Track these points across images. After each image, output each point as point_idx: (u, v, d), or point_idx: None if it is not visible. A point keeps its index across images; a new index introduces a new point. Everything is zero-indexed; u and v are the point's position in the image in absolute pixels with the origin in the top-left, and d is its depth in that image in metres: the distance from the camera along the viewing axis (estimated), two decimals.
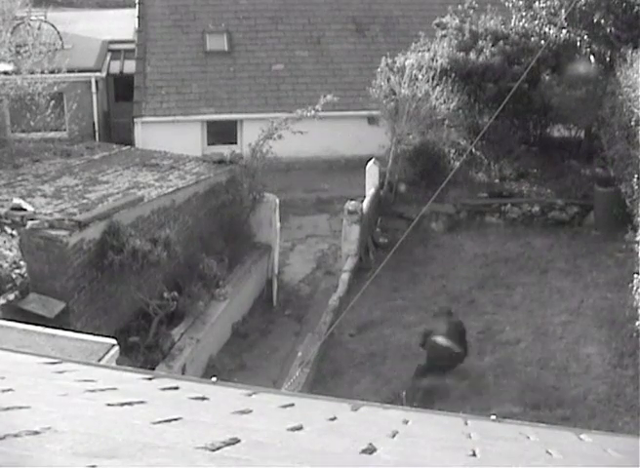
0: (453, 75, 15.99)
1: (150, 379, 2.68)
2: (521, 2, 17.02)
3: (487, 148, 16.52)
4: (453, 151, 16.67)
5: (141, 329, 10.13)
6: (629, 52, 14.21)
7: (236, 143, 19.04)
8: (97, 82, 19.87)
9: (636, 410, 9.54)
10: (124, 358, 8.04)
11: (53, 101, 15.60)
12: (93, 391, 2.06)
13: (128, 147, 16.08)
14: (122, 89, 21.04)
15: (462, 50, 16.68)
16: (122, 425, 1.56)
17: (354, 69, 20.54)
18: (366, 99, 18.11)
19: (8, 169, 12.51)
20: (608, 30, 15.50)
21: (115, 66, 21.27)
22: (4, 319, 7.17)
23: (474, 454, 1.84)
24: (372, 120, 18.84)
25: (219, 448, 1.43)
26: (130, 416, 1.72)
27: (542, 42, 15.92)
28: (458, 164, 14.99)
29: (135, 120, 19.06)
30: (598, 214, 15.41)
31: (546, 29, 16.61)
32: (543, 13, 16.49)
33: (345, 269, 13.73)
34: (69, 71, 17.69)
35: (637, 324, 10.88)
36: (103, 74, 20.29)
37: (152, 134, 18.91)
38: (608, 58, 16.20)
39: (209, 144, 19.54)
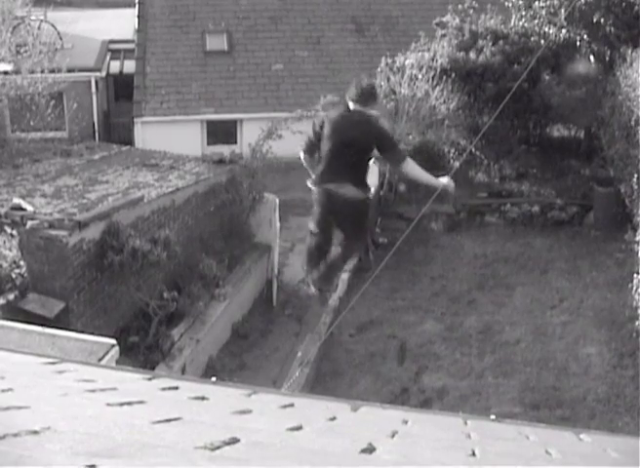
0: (453, 75, 15.98)
1: (150, 379, 2.68)
2: (521, 2, 17.02)
3: (487, 148, 16.51)
4: (453, 151, 16.66)
5: (141, 329, 10.12)
6: (629, 51, 14.21)
7: (236, 143, 19.03)
8: (96, 82, 19.87)
9: (636, 410, 9.54)
10: (124, 358, 8.03)
11: (53, 101, 15.59)
12: (93, 391, 2.06)
13: (128, 147, 16.07)
14: (122, 89, 21.04)
15: (462, 49, 16.68)
16: (122, 425, 1.56)
17: (354, 69, 20.51)
18: None
19: (8, 169, 12.50)
20: (608, 30, 15.50)
21: (115, 66, 21.26)
22: (4, 319, 7.17)
23: (474, 454, 1.84)
24: None
25: (218, 448, 1.43)
26: (130, 416, 1.72)
27: (542, 42, 15.92)
28: (457, 164, 14.97)
29: (135, 120, 19.06)
30: (598, 214, 15.41)
31: (546, 29, 16.61)
32: (543, 12, 16.49)
33: (345, 269, 13.72)
34: (69, 71, 17.66)
35: (637, 324, 10.88)
36: (103, 74, 20.30)
37: (152, 134, 18.91)
38: (608, 58, 16.20)
39: (209, 144, 19.53)
